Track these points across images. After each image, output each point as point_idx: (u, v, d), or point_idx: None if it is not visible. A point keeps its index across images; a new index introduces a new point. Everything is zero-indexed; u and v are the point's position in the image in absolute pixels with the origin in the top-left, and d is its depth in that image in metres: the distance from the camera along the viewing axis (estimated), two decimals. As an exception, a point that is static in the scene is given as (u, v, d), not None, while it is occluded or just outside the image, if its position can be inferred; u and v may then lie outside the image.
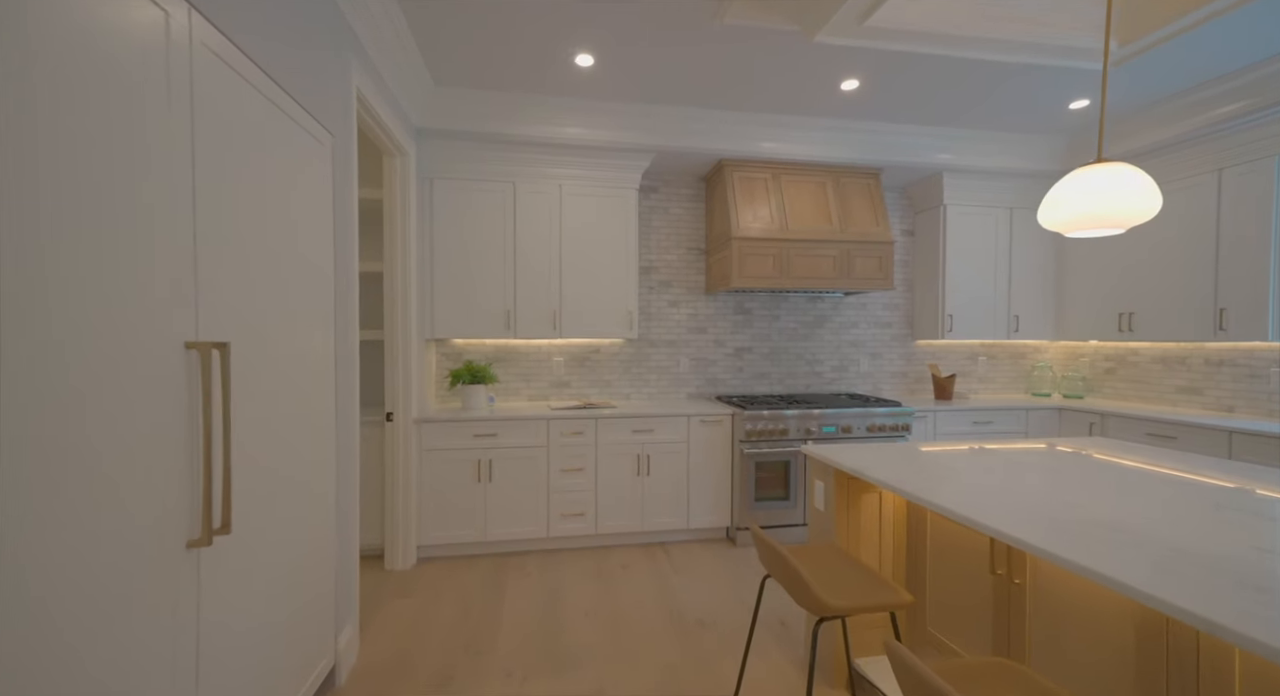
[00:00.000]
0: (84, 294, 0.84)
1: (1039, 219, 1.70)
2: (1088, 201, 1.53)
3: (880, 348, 4.02)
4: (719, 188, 3.47)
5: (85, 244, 0.84)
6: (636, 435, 3.08)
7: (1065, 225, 1.60)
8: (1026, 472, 1.63)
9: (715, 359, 3.78)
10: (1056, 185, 1.64)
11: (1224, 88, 2.83)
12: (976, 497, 1.38)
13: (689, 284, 3.74)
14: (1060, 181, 1.63)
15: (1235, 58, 2.65)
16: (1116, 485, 1.47)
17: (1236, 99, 2.80)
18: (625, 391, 3.66)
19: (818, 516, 1.94)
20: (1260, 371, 3.02)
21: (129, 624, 0.93)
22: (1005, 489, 1.46)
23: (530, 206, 3.21)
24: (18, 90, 0.73)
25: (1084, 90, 2.92)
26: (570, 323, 3.27)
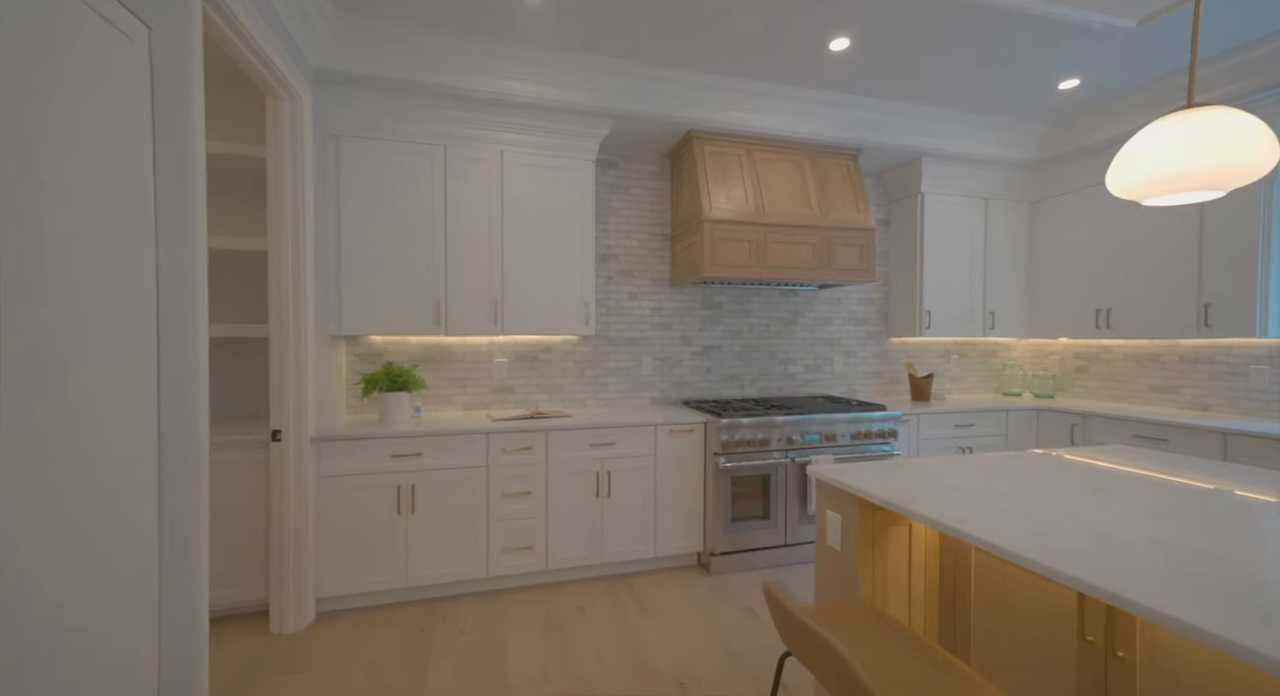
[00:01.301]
0: None
1: (1108, 183, 1.38)
2: (1177, 156, 1.21)
3: (855, 346, 3.74)
4: (687, 164, 3.05)
5: None
6: (595, 450, 2.60)
7: (1142, 188, 1.28)
8: (1118, 504, 1.29)
9: (682, 358, 3.36)
10: (1131, 141, 1.31)
11: (1210, 71, 2.69)
12: (1065, 540, 1.02)
13: (653, 274, 3.30)
14: (1137, 135, 1.31)
15: (1221, 40, 2.50)
16: (1242, 524, 1.15)
17: (1222, 83, 2.67)
18: (580, 397, 3.17)
19: (832, 559, 1.55)
20: (1239, 369, 2.93)
21: None
22: (1102, 529, 1.10)
23: (465, 175, 2.66)
24: None
25: (1077, 65, 2.71)
26: (514, 317, 2.74)
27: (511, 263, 2.73)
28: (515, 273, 2.74)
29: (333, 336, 2.52)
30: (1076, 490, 1.38)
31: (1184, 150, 1.20)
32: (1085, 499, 1.30)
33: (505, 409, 3.01)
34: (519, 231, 2.75)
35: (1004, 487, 1.40)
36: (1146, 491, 1.36)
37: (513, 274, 2.74)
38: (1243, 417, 2.87)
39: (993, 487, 1.40)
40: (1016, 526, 1.11)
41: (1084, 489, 1.39)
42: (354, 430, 2.33)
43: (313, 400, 2.20)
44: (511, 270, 2.73)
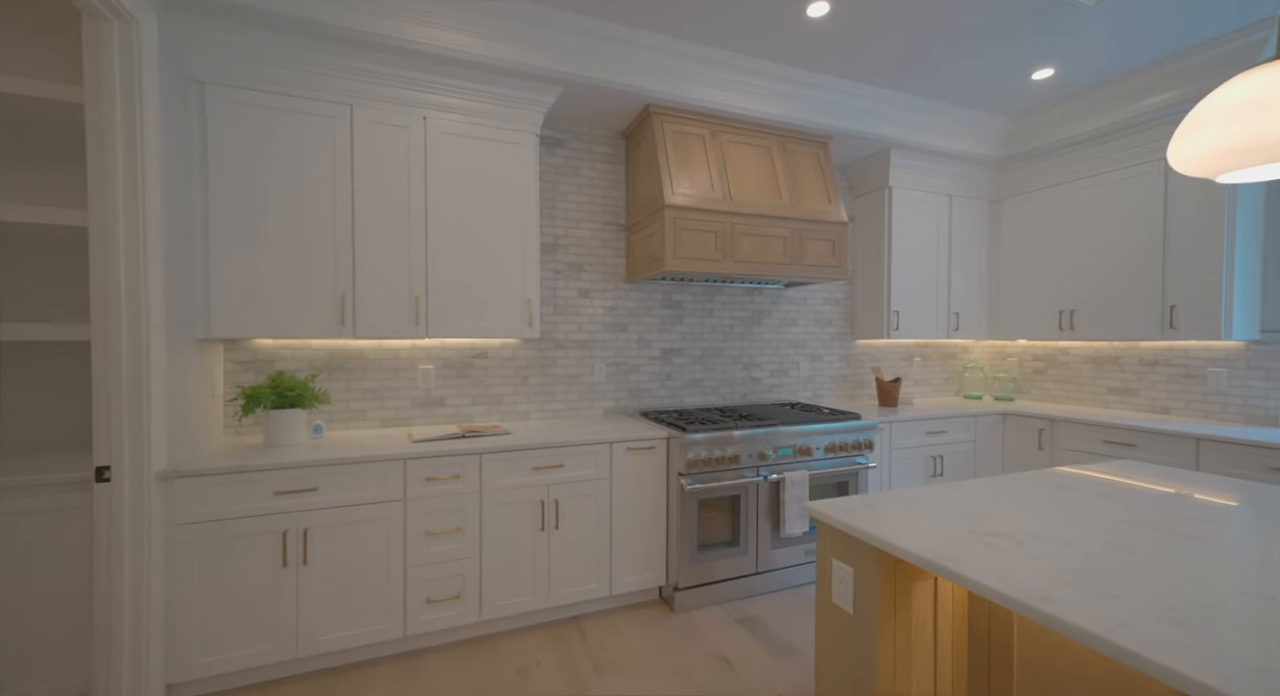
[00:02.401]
0: None
1: (1171, 155, 1.13)
2: (1264, 117, 0.97)
3: (821, 348, 3.52)
4: (645, 144, 2.69)
5: None
6: (539, 474, 2.20)
7: (1218, 158, 1.04)
8: (1217, 555, 1.04)
9: (639, 364, 3.00)
10: (1209, 99, 1.07)
11: (1174, 68, 2.63)
12: (1191, 627, 0.74)
13: (606, 268, 2.92)
14: (1218, 92, 1.06)
15: (1185, 36, 2.43)
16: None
17: (1185, 81, 2.61)
18: (523, 409, 2.74)
19: (839, 624, 1.23)
20: (1197, 372, 2.91)
21: None
22: (1218, 596, 0.83)
23: (378, 144, 2.18)
24: None
25: (1055, 50, 2.57)
26: (442, 316, 2.29)
27: (438, 252, 2.28)
28: (443, 264, 2.29)
29: (199, 340, 1.98)
30: (1154, 533, 1.12)
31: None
32: (1174, 547, 1.04)
33: (433, 425, 2.54)
34: (447, 215, 2.29)
35: (1062, 533, 1.12)
36: (1243, 534, 1.13)
37: (440, 265, 2.28)
38: (1201, 420, 2.85)
39: (1049, 532, 1.12)
40: (1124, 605, 0.82)
41: (1164, 532, 1.13)
42: (222, 462, 1.80)
43: (159, 424, 1.67)
44: (438, 261, 2.28)
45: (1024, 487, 1.44)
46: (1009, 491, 1.40)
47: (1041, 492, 1.39)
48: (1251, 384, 2.72)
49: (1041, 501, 1.31)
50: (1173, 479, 1.55)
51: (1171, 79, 2.67)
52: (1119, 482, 1.50)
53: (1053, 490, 1.42)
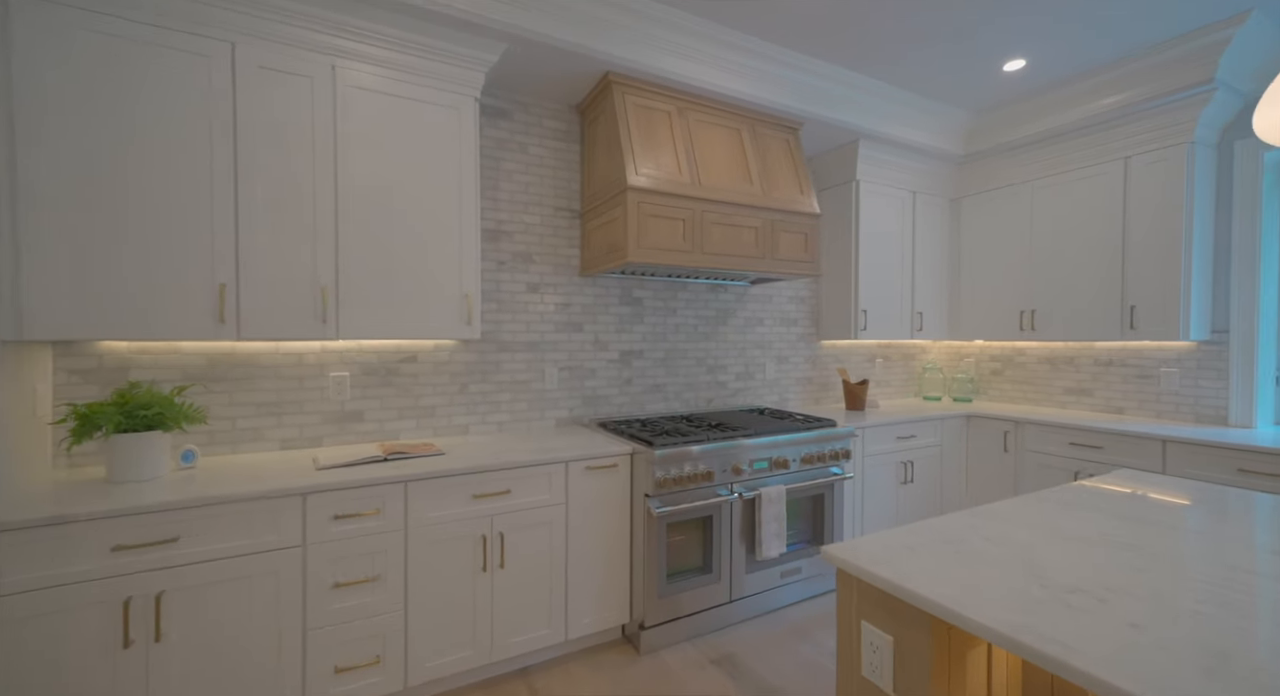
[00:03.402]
0: None
1: (1256, 126, 0.95)
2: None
3: (787, 349, 3.33)
4: (603, 119, 2.37)
5: None
6: (481, 503, 1.83)
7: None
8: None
9: (596, 367, 2.67)
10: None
11: (1132, 68, 2.62)
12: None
13: (558, 260, 2.57)
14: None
15: (1145, 35, 2.40)
16: None
17: (1144, 81, 2.60)
18: (461, 422, 2.35)
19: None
20: (1150, 371, 2.94)
21: None
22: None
23: (270, 95, 1.73)
24: None
25: (1027, 39, 2.48)
26: (358, 313, 1.87)
27: (353, 235, 1.85)
28: (359, 250, 1.87)
29: (8, 342, 1.46)
30: (1260, 580, 0.92)
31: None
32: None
33: (347, 445, 2.10)
34: (365, 189, 1.87)
35: (1148, 583, 0.91)
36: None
37: (355, 251, 1.86)
38: (1154, 420, 2.87)
39: (1129, 582, 0.91)
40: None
41: (1272, 579, 0.94)
42: (30, 509, 1.32)
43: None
44: (353, 246, 1.85)
45: (1061, 515, 1.24)
46: (1050, 522, 1.20)
47: (1087, 523, 1.19)
48: (1202, 384, 2.75)
49: (1093, 536, 1.11)
50: (1214, 497, 1.41)
51: (1128, 79, 2.65)
52: (1165, 503, 1.34)
53: (1096, 517, 1.23)
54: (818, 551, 2.47)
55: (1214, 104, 2.50)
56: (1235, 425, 2.64)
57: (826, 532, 2.49)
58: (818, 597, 2.53)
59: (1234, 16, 2.26)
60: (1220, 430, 2.54)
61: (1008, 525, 1.17)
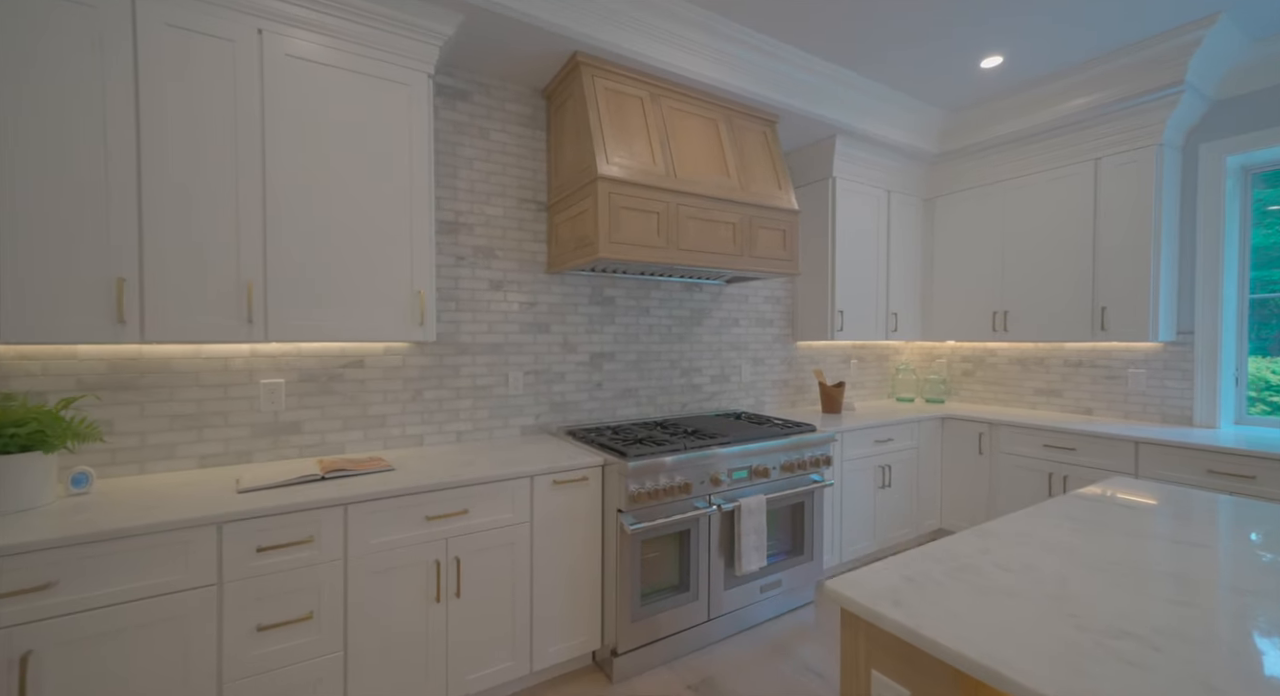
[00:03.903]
0: None
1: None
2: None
3: (763, 351, 3.23)
4: (572, 103, 2.20)
5: None
6: (435, 525, 1.63)
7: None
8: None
9: (564, 371, 2.50)
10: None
11: (1104, 69, 2.61)
12: None
13: (523, 255, 2.39)
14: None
15: (1120, 33, 2.40)
16: None
17: (1115, 82, 2.61)
18: (415, 433, 2.14)
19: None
20: (1118, 372, 2.97)
21: None
22: None
23: (183, 60, 1.49)
24: None
25: (1006, 36, 2.43)
26: (290, 312, 1.64)
27: (284, 223, 1.63)
28: (291, 240, 1.64)
29: None
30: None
31: None
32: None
33: (281, 462, 1.86)
34: (299, 172, 1.65)
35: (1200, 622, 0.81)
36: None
37: (287, 242, 1.63)
38: (1121, 420, 2.89)
39: (1181, 622, 0.81)
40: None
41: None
42: None
43: None
44: (284, 236, 1.63)
45: (1074, 534, 1.15)
46: (1064, 543, 1.10)
47: (1105, 543, 1.10)
48: (1168, 384, 2.78)
49: (1118, 559, 1.01)
50: (1232, 511, 1.34)
51: (1101, 80, 2.65)
52: (1179, 517, 1.26)
53: (1112, 536, 1.14)
54: (798, 563, 2.37)
55: (1181, 106, 2.52)
56: (1200, 425, 2.67)
57: (807, 543, 2.39)
58: (798, 609, 2.42)
59: (1204, 18, 2.26)
60: (1186, 430, 2.57)
61: (1021, 548, 1.06)
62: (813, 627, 2.30)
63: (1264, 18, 2.25)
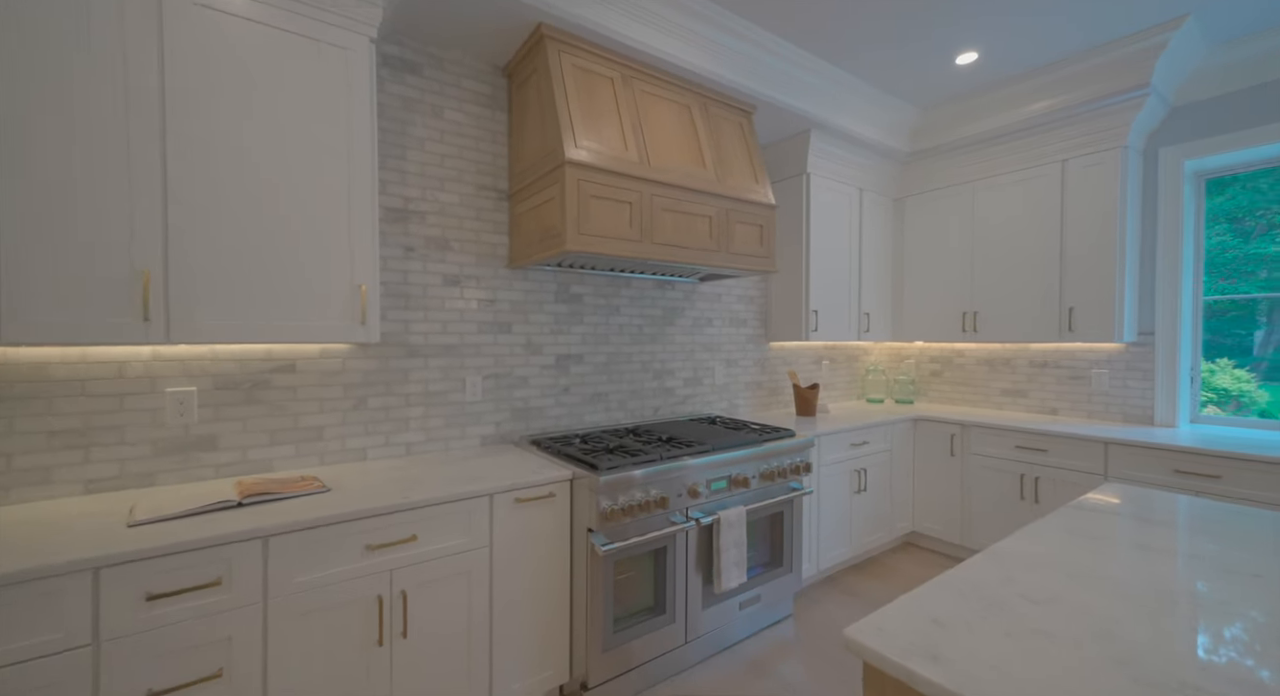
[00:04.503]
0: None
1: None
2: None
3: (736, 352, 3.11)
4: (535, 81, 2.01)
5: None
6: (377, 555, 1.41)
7: None
8: None
9: (527, 375, 2.30)
10: None
11: (1073, 70, 2.62)
12: None
13: (481, 248, 2.17)
14: None
15: (1092, 31, 2.40)
16: None
17: (1083, 84, 2.62)
18: (357, 446, 1.89)
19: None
20: (1082, 373, 3.00)
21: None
22: None
23: (58, 8, 1.22)
24: None
25: (981, 31, 2.39)
26: (201, 310, 1.39)
27: (191, 204, 1.37)
28: (200, 224, 1.39)
29: None
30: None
31: None
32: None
33: (193, 484, 1.59)
34: (213, 143, 1.40)
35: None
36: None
37: (194, 226, 1.38)
38: (1085, 420, 2.92)
39: (1249, 674, 0.69)
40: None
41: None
42: None
43: None
44: (191, 219, 1.37)
45: (1095, 555, 1.05)
46: (1089, 567, 1.00)
47: (1132, 565, 1.00)
48: (1130, 384, 2.83)
49: (1158, 587, 0.91)
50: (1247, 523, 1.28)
51: (1069, 81, 2.65)
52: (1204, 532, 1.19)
53: (1135, 554, 1.05)
54: (777, 575, 2.26)
55: (1145, 110, 2.54)
56: (1160, 424, 2.72)
57: (786, 554, 2.28)
58: (776, 624, 2.31)
59: (1172, 20, 2.28)
60: (1148, 430, 2.60)
61: (1044, 575, 0.95)
62: (792, 642, 2.19)
63: (1228, 21, 2.28)
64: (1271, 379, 2.63)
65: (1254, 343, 2.67)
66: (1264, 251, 2.62)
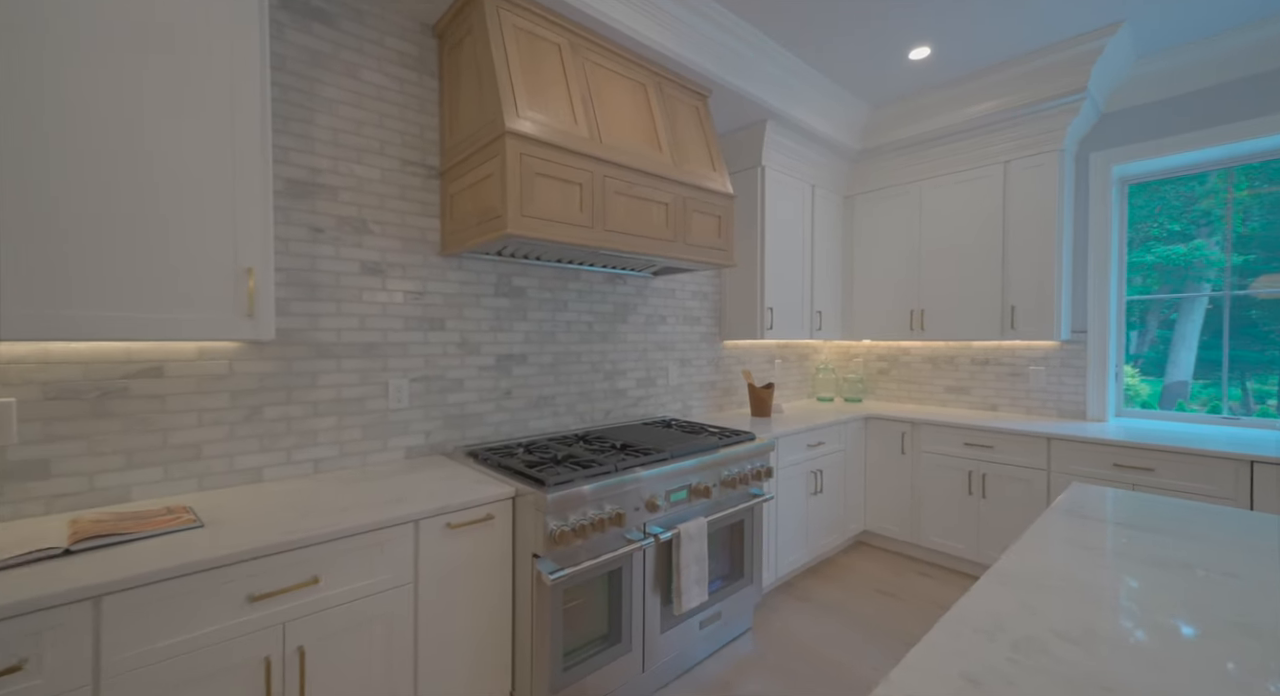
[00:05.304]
0: None
1: None
2: None
3: (690, 351, 2.97)
4: (471, 40, 1.76)
5: None
6: (263, 607, 1.12)
7: None
8: None
9: (463, 377, 2.03)
10: None
11: (1013, 72, 2.67)
12: None
13: (408, 232, 1.89)
14: None
15: (1030, 37, 2.44)
16: None
17: (1025, 86, 2.68)
18: (250, 465, 1.57)
19: None
20: (1020, 370, 3.09)
21: None
22: None
23: None
24: None
25: (934, 25, 2.37)
26: (14, 296, 1.05)
27: (10, 162, 1.03)
28: (26, 190, 1.05)
29: None
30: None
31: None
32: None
33: (12, 523, 1.23)
34: (37, 83, 1.06)
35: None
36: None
37: (18, 193, 1.04)
38: (1024, 416, 3.01)
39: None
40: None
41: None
42: None
43: None
44: (12, 182, 1.03)
45: (1114, 575, 0.95)
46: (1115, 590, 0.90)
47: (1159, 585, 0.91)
48: (1065, 381, 2.93)
49: (1202, 615, 0.82)
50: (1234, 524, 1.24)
51: (1012, 83, 2.70)
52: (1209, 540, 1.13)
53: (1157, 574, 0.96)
54: (738, 588, 2.12)
55: (1080, 114, 2.62)
56: (1092, 419, 2.82)
57: (747, 565, 2.14)
58: (736, 639, 2.17)
59: (1108, 26, 2.35)
60: (1082, 424, 2.69)
61: (1066, 601, 0.84)
62: (754, 657, 2.06)
63: (1156, 32, 2.37)
64: (1148, 373, 2.85)
65: (1130, 342, 2.90)
66: (1140, 260, 2.85)
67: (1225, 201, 2.66)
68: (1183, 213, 2.78)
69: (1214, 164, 2.64)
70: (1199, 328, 2.74)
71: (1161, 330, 2.87)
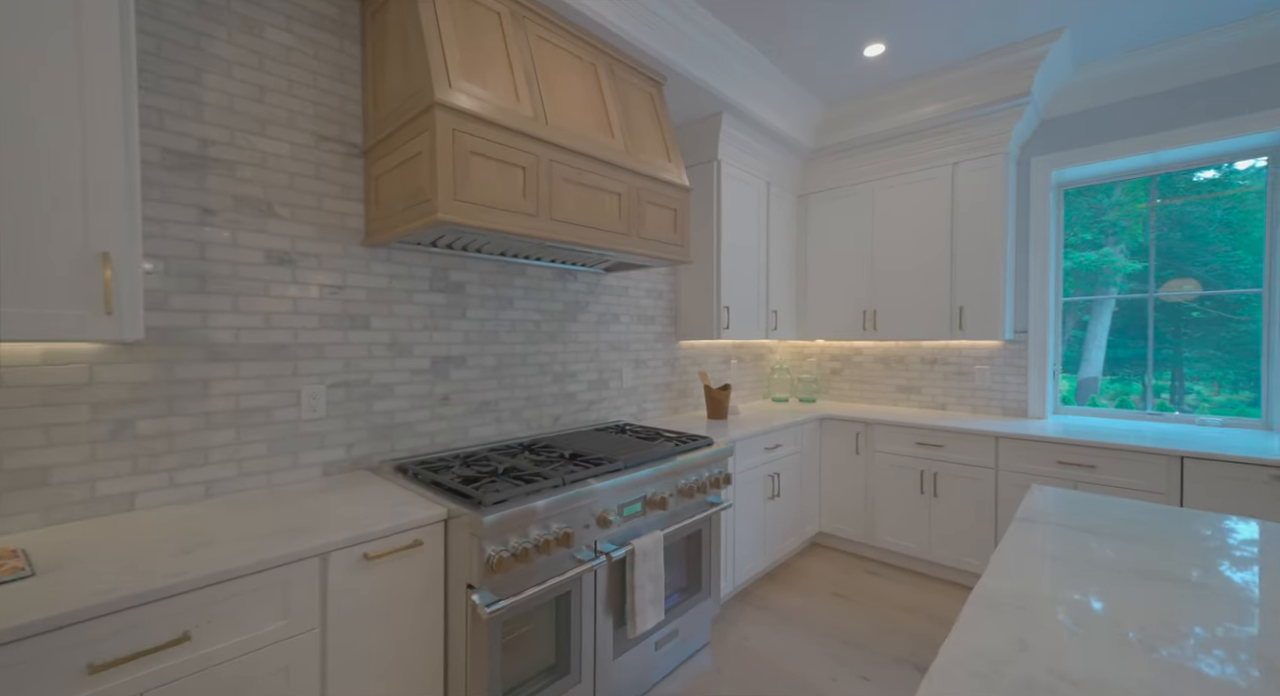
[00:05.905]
0: None
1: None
2: None
3: (645, 352, 2.84)
4: (397, 5, 1.55)
5: None
6: (109, 677, 0.89)
7: None
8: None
9: (393, 381, 1.81)
10: None
11: (963, 75, 2.70)
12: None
13: (325, 218, 1.65)
14: None
15: (979, 39, 2.47)
16: None
17: (972, 89, 2.71)
18: (119, 491, 1.30)
19: None
20: (966, 369, 3.15)
21: None
22: None
23: None
24: None
25: (889, 21, 2.35)
26: None
27: None
28: None
29: None
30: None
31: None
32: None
33: None
34: None
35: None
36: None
37: None
38: (970, 414, 3.07)
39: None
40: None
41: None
42: None
43: None
44: None
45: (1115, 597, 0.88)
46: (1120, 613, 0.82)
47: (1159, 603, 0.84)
48: (1008, 380, 3.00)
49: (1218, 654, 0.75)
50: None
51: (960, 85, 2.73)
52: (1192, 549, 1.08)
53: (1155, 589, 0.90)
54: (695, 603, 2.01)
55: (1023, 119, 2.68)
56: (1033, 416, 2.90)
57: (705, 577, 2.03)
58: (694, 655, 2.06)
59: (1051, 32, 2.39)
60: (1024, 422, 2.76)
61: (1064, 638, 0.75)
62: (713, 674, 1.95)
63: (1096, 40, 2.44)
64: (1066, 371, 3.03)
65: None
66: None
67: (1128, 213, 2.84)
68: (1093, 222, 2.93)
69: (1139, 172, 2.77)
70: (1108, 328, 2.92)
71: (1076, 330, 3.02)
